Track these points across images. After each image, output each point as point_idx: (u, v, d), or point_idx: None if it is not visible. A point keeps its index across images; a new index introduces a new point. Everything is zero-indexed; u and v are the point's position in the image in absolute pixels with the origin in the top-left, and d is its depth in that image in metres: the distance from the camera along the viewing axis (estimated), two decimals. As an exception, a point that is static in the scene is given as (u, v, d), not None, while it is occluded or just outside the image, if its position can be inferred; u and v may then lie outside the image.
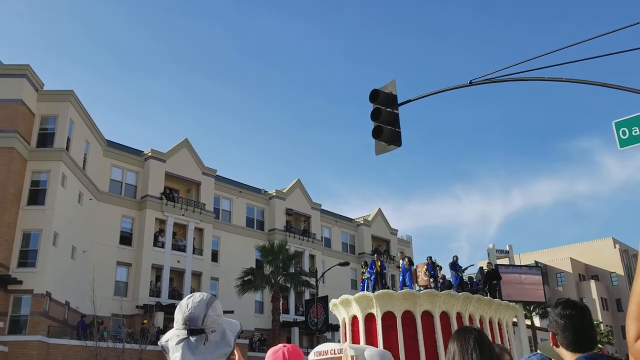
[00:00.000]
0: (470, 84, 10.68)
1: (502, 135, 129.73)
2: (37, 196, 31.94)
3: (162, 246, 39.40)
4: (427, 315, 21.55)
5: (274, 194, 48.92)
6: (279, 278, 37.22)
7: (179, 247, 40.48)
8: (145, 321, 34.11)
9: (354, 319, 22.67)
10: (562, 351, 2.42)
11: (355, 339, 22.44)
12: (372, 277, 24.42)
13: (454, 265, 26.19)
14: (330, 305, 23.99)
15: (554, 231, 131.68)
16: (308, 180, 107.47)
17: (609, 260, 73.59)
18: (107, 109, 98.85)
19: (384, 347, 20.04)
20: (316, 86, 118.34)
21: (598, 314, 66.10)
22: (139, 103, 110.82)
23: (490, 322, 23.49)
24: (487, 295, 24.47)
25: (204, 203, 42.46)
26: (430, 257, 26.14)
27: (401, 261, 25.56)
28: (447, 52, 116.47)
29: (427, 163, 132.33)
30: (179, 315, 1.94)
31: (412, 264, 25.69)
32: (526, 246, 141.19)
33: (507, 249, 43.78)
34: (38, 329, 29.14)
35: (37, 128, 33.27)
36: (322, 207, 52.67)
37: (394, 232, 58.81)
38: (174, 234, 40.79)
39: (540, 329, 50.30)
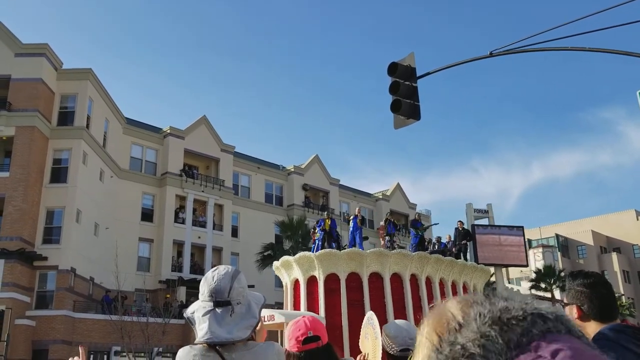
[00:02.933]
0: (491, 55, 10.50)
1: (522, 107, 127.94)
2: (59, 174, 32.43)
3: (183, 222, 39.88)
4: (375, 278, 19.63)
5: (292, 169, 49.02)
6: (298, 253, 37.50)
7: (199, 223, 40.94)
8: (168, 295, 34.76)
9: (296, 283, 20.89)
10: (589, 323, 2.34)
11: (296, 305, 20.75)
12: (320, 237, 22.27)
13: (415, 223, 24.30)
14: (273, 268, 22.44)
15: (574, 204, 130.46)
16: (326, 156, 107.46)
17: (631, 232, 72.71)
18: (126, 87, 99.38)
19: (326, 314, 19.01)
20: (334, 61, 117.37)
21: (620, 287, 65.64)
22: (157, 81, 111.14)
23: (454, 285, 21.53)
24: (455, 257, 22.53)
25: (223, 179, 42.75)
26: (389, 212, 24.18)
27: (352, 217, 23.11)
28: (467, 24, 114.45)
29: (446, 136, 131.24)
30: (204, 288, 1.96)
31: (364, 222, 23.29)
32: (547, 219, 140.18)
33: (486, 207, 40.83)
34: (64, 303, 29.87)
35: (57, 107, 33.63)
36: (340, 183, 52.71)
37: (412, 206, 58.69)
38: (194, 210, 41.23)
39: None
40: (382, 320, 16.78)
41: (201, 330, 1.89)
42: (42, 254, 30.29)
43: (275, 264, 21.42)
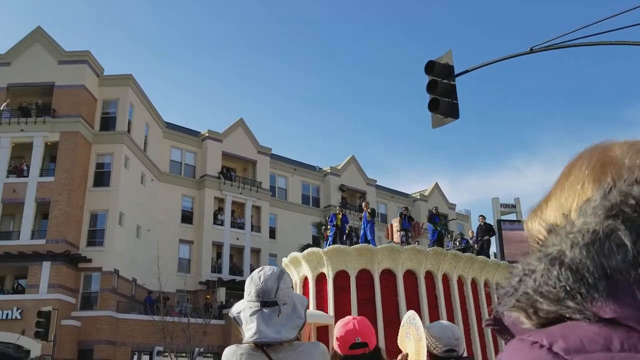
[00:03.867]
0: (531, 51, 10.27)
1: (565, 103, 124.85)
2: (102, 178, 33.29)
3: (222, 224, 40.37)
4: (388, 275, 18.49)
5: (329, 170, 49.07)
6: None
7: (237, 224, 41.38)
8: (208, 296, 35.22)
9: (305, 280, 20.13)
10: None
11: None
12: (332, 232, 21.53)
13: (433, 218, 23.29)
14: (282, 265, 21.50)
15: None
16: (362, 157, 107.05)
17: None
18: (165, 90, 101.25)
19: (335, 312, 18.37)
20: (369, 60, 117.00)
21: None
22: (194, 84, 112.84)
23: (474, 283, 20.37)
24: (477, 254, 21.45)
25: (260, 181, 43.13)
26: (407, 208, 23.18)
27: (364, 213, 22.14)
28: (506, 19, 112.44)
29: (485, 134, 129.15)
30: (251, 288, 1.97)
31: (375, 216, 22.24)
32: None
33: (514, 202, 39.16)
34: (107, 304, 30.61)
35: (99, 112, 34.54)
36: (377, 183, 52.48)
37: (452, 206, 57.96)
38: (233, 212, 41.70)
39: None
40: (395, 319, 14.77)
41: (249, 330, 1.90)
42: (86, 256, 31.12)
43: (284, 260, 20.73)
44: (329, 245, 20.26)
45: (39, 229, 31.18)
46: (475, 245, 23.14)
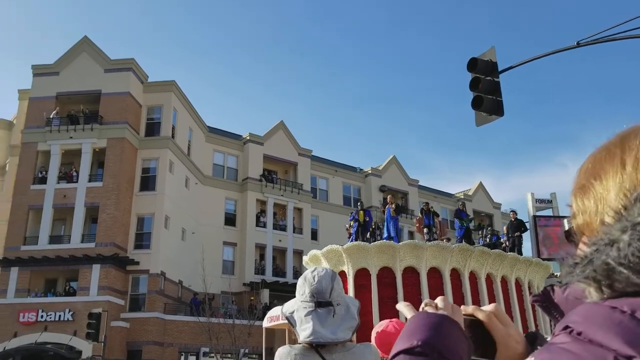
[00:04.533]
0: (578, 45, 9.98)
1: (615, 98, 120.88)
2: (148, 182, 34.09)
3: (264, 226, 40.72)
4: (410, 273, 17.78)
5: (370, 171, 48.88)
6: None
7: (279, 226, 41.68)
8: (253, 298, 35.58)
9: None
10: None
11: None
12: (354, 230, 20.87)
13: (460, 213, 22.23)
14: (303, 263, 20.99)
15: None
16: (404, 157, 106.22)
17: None
18: (207, 95, 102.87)
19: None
20: (409, 59, 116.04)
21: None
22: (236, 86, 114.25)
23: (504, 281, 19.33)
24: (510, 251, 20.44)
25: (301, 183, 43.33)
26: (427, 204, 22.12)
27: (387, 208, 21.01)
28: (549, 13, 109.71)
29: (529, 132, 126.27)
30: (305, 288, 1.97)
31: (400, 213, 21.33)
32: None
33: (550, 197, 37.54)
34: (155, 306, 31.29)
35: (144, 118, 35.40)
36: (419, 183, 51.98)
37: (497, 205, 56.87)
38: (275, 214, 42.02)
39: None
40: None
41: (304, 330, 1.89)
42: (134, 258, 31.90)
43: (305, 258, 20.19)
44: (352, 242, 19.60)
45: (89, 232, 32.12)
46: (507, 242, 22.36)
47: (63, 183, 32.77)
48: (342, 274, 18.35)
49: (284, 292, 34.92)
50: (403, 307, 1.04)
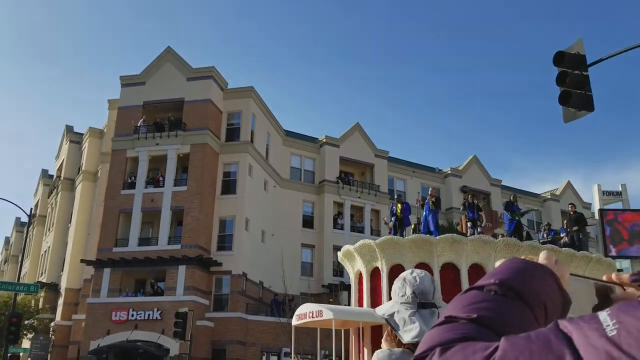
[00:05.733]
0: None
1: None
2: (229, 186, 35.09)
3: (342, 228, 40.82)
4: (449, 269, 16.49)
5: (449, 172, 47.86)
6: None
7: (357, 228, 41.61)
8: (331, 300, 35.71)
9: (360, 276, 18.41)
10: None
11: (360, 301, 18.51)
12: (392, 223, 19.64)
13: (510, 206, 20.58)
14: (339, 259, 20.05)
15: None
16: (485, 156, 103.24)
17: None
18: (284, 99, 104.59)
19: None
20: (490, 54, 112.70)
21: None
22: (310, 91, 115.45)
23: None
24: (568, 247, 18.68)
25: (378, 185, 43.08)
26: (472, 196, 20.47)
27: (425, 201, 19.67)
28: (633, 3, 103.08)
29: (620, 127, 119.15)
30: (405, 289, 1.91)
31: (439, 206, 19.79)
32: None
33: (620, 189, 33.56)
34: (237, 306, 32.09)
35: (224, 124, 36.48)
36: (502, 183, 50.31)
37: (587, 205, 53.99)
38: (352, 216, 42.02)
39: None
40: None
41: (409, 331, 1.84)
42: (217, 260, 32.89)
43: (339, 254, 19.39)
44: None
45: (174, 235, 33.42)
46: (565, 237, 20.67)
47: (150, 187, 34.28)
48: (376, 271, 17.44)
49: (363, 294, 34.77)
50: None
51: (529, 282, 0.85)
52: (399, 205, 20.06)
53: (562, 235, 21.52)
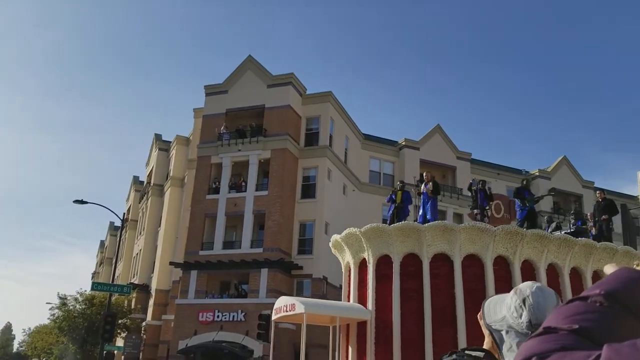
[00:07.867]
0: None
1: None
2: (308, 190, 35.43)
3: (423, 232, 40.06)
4: (441, 261, 14.59)
5: (537, 173, 45.83)
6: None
7: (439, 232, 40.70)
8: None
9: (348, 267, 16.89)
10: None
11: (347, 294, 16.87)
12: (390, 211, 18.02)
13: (521, 192, 18.32)
14: (332, 250, 18.36)
15: None
16: (575, 158, 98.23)
17: None
18: (362, 103, 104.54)
19: (376, 306, 14.80)
20: (579, 54, 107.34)
21: None
22: (388, 94, 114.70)
23: (576, 273, 15.30)
24: (595, 238, 16.36)
25: (460, 188, 41.97)
26: (483, 182, 18.20)
27: (423, 186, 17.77)
28: None
29: None
30: (522, 312, 1.51)
31: (439, 192, 17.98)
32: None
33: None
34: (319, 309, 32.19)
35: (303, 129, 36.92)
36: (595, 185, 47.53)
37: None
38: (434, 219, 41.15)
39: None
40: (450, 318, 12.47)
41: (509, 357, 1.47)
42: (298, 263, 33.26)
43: (330, 245, 17.98)
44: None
45: (257, 238, 34.13)
46: (593, 228, 18.44)
47: (233, 192, 35.24)
48: (364, 263, 15.93)
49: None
50: (610, 268, 0.91)
51: (638, 293, 0.78)
52: (400, 192, 18.47)
53: (589, 225, 19.25)
